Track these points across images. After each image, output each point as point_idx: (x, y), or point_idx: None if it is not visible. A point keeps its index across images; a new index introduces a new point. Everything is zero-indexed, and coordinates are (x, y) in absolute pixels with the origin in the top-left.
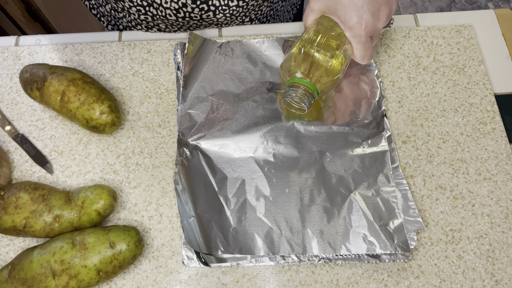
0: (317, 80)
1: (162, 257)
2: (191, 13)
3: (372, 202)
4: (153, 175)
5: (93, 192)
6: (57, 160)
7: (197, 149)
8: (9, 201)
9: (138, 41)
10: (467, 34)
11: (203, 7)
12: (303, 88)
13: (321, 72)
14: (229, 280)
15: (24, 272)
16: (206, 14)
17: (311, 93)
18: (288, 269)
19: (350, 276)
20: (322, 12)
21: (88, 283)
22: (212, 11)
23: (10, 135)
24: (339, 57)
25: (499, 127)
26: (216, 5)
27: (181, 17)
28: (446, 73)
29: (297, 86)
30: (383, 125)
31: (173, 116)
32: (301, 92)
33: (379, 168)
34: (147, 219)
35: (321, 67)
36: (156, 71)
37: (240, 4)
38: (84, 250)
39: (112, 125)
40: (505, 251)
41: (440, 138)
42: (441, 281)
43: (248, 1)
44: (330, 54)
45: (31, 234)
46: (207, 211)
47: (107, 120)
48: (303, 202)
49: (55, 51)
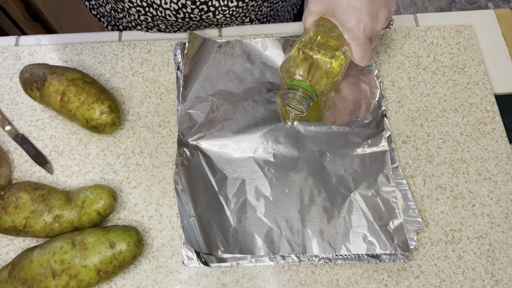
0: (316, 82)
1: (162, 257)
2: (191, 13)
3: (372, 202)
4: (153, 175)
5: (93, 192)
6: (57, 160)
7: (197, 149)
8: (9, 201)
9: (138, 41)
10: (467, 34)
11: (203, 8)
12: (302, 90)
13: (320, 74)
14: (229, 280)
15: (24, 272)
16: (206, 14)
17: (310, 96)
18: (288, 269)
19: (350, 276)
20: (321, 14)
21: (88, 283)
22: (212, 12)
23: (10, 135)
24: (338, 59)
25: (499, 127)
26: (216, 6)
27: (180, 17)
28: (446, 73)
29: (296, 89)
30: (383, 125)
31: (173, 116)
32: (299, 95)
33: (379, 168)
34: (147, 219)
35: (320, 69)
36: (156, 71)
37: (239, 4)
38: (84, 250)
39: (112, 125)
40: (505, 251)
41: (440, 138)
42: (441, 281)
43: (248, 2)
44: (329, 55)
45: (31, 234)
46: (207, 211)
47: (107, 120)
48: (303, 202)
49: (55, 51)
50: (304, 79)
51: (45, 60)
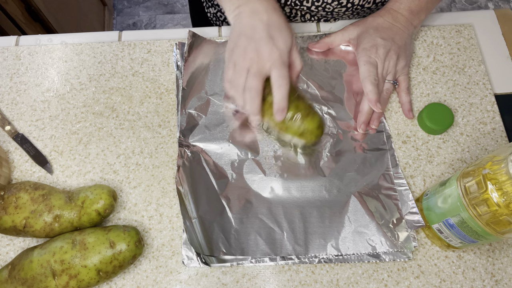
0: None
1: (162, 257)
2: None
3: (373, 202)
4: (153, 175)
5: (93, 192)
6: (57, 160)
7: (198, 150)
8: (9, 201)
9: (138, 41)
10: (467, 34)
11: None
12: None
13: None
14: (229, 280)
15: (24, 272)
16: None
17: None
18: (288, 269)
19: (350, 276)
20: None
21: (88, 283)
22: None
23: (10, 135)
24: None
25: (499, 127)
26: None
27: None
28: (446, 73)
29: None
30: (383, 125)
31: (173, 116)
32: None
33: (379, 168)
34: (147, 219)
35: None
36: (156, 71)
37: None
38: (84, 250)
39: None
40: (505, 251)
41: (440, 138)
42: (441, 281)
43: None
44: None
45: (31, 234)
46: (209, 212)
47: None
48: (304, 202)
49: (55, 51)
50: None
51: (45, 60)
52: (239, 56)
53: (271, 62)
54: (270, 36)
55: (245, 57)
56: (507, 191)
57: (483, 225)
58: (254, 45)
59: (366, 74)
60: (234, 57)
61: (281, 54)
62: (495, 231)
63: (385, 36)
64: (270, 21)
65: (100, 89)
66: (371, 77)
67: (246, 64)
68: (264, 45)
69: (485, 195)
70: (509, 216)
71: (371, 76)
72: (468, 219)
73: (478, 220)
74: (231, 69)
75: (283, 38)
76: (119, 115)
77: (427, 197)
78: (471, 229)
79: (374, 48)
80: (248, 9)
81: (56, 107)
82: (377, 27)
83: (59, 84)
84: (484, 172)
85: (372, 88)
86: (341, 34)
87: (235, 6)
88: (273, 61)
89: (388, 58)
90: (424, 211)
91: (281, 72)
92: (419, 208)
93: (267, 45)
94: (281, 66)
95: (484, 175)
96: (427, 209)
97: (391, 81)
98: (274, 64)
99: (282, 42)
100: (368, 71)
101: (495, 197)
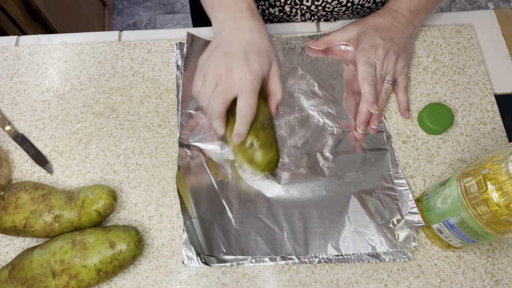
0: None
1: (162, 257)
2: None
3: (373, 202)
4: (153, 175)
5: (93, 192)
6: (57, 160)
7: (198, 150)
8: (9, 201)
9: (138, 41)
10: (467, 34)
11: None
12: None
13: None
14: (229, 280)
15: (24, 272)
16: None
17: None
18: (288, 269)
19: (350, 276)
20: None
21: (88, 283)
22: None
23: (10, 135)
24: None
25: (499, 127)
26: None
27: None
28: (446, 73)
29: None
30: (383, 125)
31: (173, 116)
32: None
33: (379, 168)
34: (147, 219)
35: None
36: (156, 71)
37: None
38: (84, 250)
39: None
40: (505, 251)
41: (440, 138)
42: (441, 281)
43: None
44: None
45: (31, 234)
46: (209, 212)
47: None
48: (304, 202)
49: (55, 51)
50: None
51: (45, 60)
52: (209, 69)
53: (240, 87)
54: (246, 57)
55: (215, 71)
56: (507, 191)
57: (483, 225)
58: (227, 61)
59: (364, 74)
60: (205, 69)
61: (253, 80)
62: (495, 231)
63: (384, 36)
64: (251, 41)
65: (100, 89)
66: (369, 78)
67: (215, 79)
68: (236, 64)
69: (485, 195)
70: (509, 216)
71: (369, 77)
72: (468, 219)
73: (478, 220)
74: (200, 80)
75: (259, 62)
76: (119, 115)
77: (427, 197)
78: (471, 229)
79: (373, 48)
80: (232, 25)
81: (56, 107)
82: (377, 27)
83: (59, 84)
84: (484, 172)
85: (370, 89)
86: (340, 33)
87: (221, 19)
88: (242, 86)
89: (387, 59)
90: (424, 211)
91: (248, 102)
92: (419, 208)
93: (240, 64)
94: (249, 94)
95: (484, 175)
96: (427, 209)
97: (390, 81)
98: (243, 90)
99: (257, 65)
100: (366, 71)
101: (495, 197)
